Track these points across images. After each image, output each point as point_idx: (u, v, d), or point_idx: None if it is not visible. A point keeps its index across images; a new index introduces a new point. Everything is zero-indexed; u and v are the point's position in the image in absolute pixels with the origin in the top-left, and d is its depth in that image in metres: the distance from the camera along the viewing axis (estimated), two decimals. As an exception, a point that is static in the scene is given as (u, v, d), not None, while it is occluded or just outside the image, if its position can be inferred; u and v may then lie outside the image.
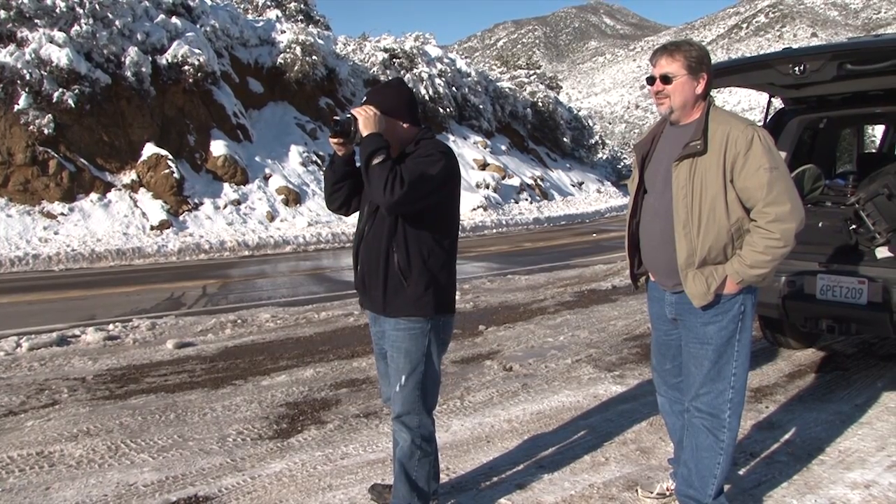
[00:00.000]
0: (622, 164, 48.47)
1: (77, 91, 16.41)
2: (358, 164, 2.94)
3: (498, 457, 3.95)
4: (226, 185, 19.09)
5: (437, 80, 28.88)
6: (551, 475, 3.68)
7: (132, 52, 17.89)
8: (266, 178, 20.24)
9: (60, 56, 16.01)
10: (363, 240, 3.00)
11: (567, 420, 4.54)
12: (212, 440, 4.21)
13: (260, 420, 4.56)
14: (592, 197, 34.79)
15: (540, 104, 38.19)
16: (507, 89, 36.01)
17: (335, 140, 2.92)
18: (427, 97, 27.84)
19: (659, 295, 3.15)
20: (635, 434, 4.28)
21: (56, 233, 14.96)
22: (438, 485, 3.30)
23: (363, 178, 2.80)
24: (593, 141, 44.91)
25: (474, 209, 23.79)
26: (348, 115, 2.85)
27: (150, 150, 17.82)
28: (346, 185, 3.08)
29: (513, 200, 27.02)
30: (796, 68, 4.54)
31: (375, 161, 2.71)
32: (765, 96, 5.82)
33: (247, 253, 16.10)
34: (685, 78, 2.86)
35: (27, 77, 15.72)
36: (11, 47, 15.88)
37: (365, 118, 2.81)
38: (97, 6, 17.32)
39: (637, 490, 3.48)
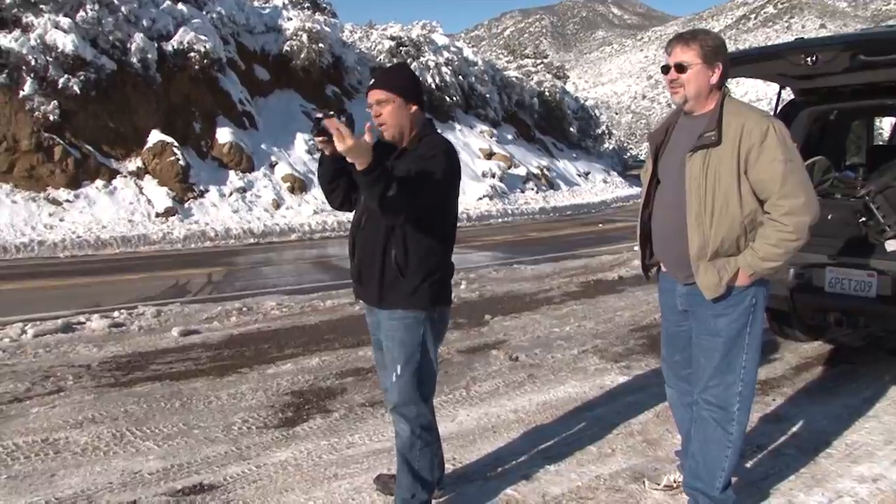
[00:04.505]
0: (628, 154, 48.40)
1: (82, 77, 16.35)
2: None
3: (504, 447, 3.94)
4: (231, 172, 19.05)
5: (444, 69, 28.76)
6: (557, 466, 3.67)
7: (138, 38, 17.81)
8: (272, 166, 20.20)
9: (66, 42, 15.96)
10: (360, 231, 2.97)
11: (573, 411, 4.52)
12: (217, 428, 4.21)
13: (265, 408, 4.55)
14: (599, 187, 34.70)
15: (547, 94, 38.10)
16: (513, 79, 35.90)
17: (319, 139, 2.77)
18: (433, 86, 27.72)
19: (670, 286, 3.12)
20: (642, 425, 4.27)
21: (61, 219, 14.97)
22: (443, 474, 3.29)
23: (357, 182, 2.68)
24: (600, 131, 44.90)
25: (480, 198, 23.73)
26: (323, 115, 2.66)
27: (155, 136, 17.78)
28: (341, 183, 3.02)
29: (519, 190, 26.94)
30: (808, 59, 4.49)
31: (367, 178, 2.56)
32: (773, 87, 5.77)
33: (252, 241, 16.10)
34: (700, 67, 2.82)
35: (32, 63, 15.67)
36: (17, 33, 15.82)
37: (337, 136, 2.52)
38: (103, -8, 17.25)
39: (644, 482, 3.47)
